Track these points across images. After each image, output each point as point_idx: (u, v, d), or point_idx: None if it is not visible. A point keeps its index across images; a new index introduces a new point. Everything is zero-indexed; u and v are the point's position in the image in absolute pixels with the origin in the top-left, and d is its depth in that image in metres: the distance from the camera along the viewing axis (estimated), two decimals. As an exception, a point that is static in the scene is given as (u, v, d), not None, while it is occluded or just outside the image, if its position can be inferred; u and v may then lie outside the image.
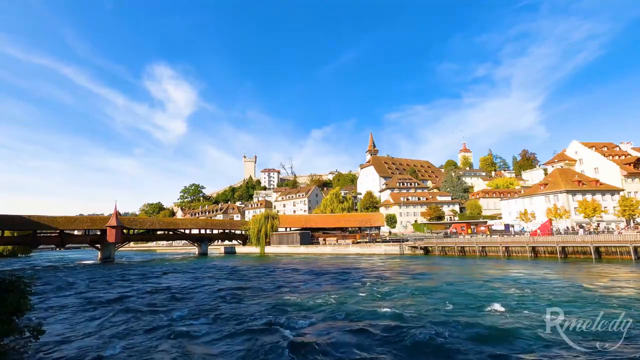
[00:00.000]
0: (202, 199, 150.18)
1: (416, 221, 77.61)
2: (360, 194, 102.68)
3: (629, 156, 67.17)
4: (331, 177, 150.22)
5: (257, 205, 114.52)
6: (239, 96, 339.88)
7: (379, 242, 56.19)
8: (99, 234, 54.41)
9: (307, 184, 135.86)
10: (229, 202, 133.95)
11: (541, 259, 34.43)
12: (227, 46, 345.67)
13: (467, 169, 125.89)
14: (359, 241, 58.39)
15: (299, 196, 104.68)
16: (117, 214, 53.69)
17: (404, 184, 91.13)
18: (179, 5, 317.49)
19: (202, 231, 65.37)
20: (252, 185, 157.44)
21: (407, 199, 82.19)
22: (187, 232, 64.63)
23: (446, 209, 79.80)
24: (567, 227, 46.56)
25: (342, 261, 38.64)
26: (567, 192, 53.52)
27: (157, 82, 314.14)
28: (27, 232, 49.64)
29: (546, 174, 77.92)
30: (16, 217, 47.85)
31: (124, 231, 55.70)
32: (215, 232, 66.92)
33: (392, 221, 77.42)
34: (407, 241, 49.95)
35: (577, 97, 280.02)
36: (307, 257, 46.50)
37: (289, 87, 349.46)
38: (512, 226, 56.18)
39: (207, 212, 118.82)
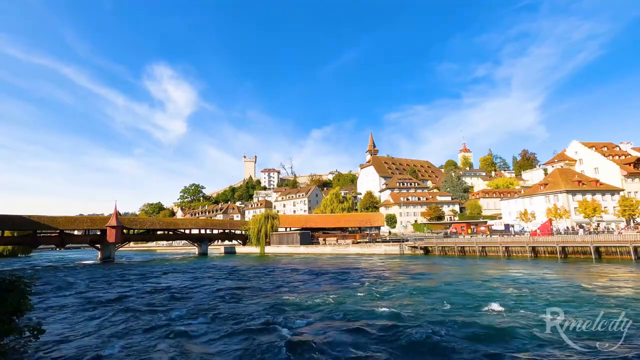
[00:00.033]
0: (202, 199, 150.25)
1: (416, 221, 77.64)
2: (360, 194, 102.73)
3: (629, 156, 67.17)
4: (331, 177, 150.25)
5: (257, 205, 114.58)
6: (239, 96, 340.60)
7: (379, 242, 56.20)
8: (99, 234, 54.46)
9: (307, 184, 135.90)
10: (229, 202, 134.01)
11: (541, 259, 34.43)
12: (227, 46, 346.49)
13: (467, 169, 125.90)
14: (359, 241, 58.40)
15: (299, 196, 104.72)
16: (117, 214, 53.74)
17: (404, 184, 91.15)
18: (179, 5, 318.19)
19: (202, 231, 65.42)
20: (252, 185, 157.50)
21: (407, 199, 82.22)
22: (187, 232, 64.69)
23: (446, 209, 79.82)
24: (567, 227, 46.56)
25: (341, 261, 38.64)
26: (567, 192, 53.54)
27: (157, 82, 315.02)
28: (27, 232, 49.68)
29: (546, 174, 77.94)
30: (16, 217, 47.90)
31: (124, 231, 55.76)
32: (215, 232, 66.98)
33: (392, 221, 77.45)
34: (407, 241, 49.97)
35: (577, 97, 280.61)
36: (307, 257, 46.52)
37: (289, 87, 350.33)
38: (512, 226, 56.18)
39: (207, 212, 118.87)
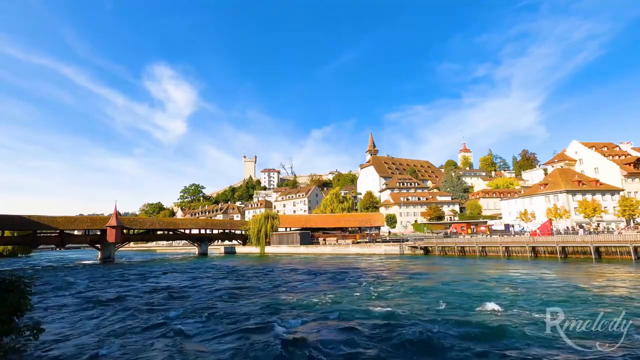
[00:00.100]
0: (202, 199, 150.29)
1: (416, 221, 77.64)
2: (360, 194, 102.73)
3: (629, 156, 67.15)
4: (331, 177, 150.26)
5: (257, 205, 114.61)
6: (239, 96, 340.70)
7: (379, 242, 56.21)
8: (99, 234, 54.49)
9: (307, 184, 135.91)
10: (229, 202, 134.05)
11: (541, 259, 34.43)
12: (227, 46, 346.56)
13: (467, 169, 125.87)
14: (359, 241, 58.41)
15: (299, 196, 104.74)
16: (117, 214, 53.78)
17: (404, 184, 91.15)
18: (179, 5, 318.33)
19: (202, 231, 65.45)
20: (252, 185, 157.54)
21: (407, 199, 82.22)
22: (187, 232, 64.71)
23: (446, 209, 79.82)
24: (567, 227, 46.55)
25: (341, 261, 38.64)
26: (567, 192, 53.52)
27: (157, 82, 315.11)
28: (27, 232, 49.69)
29: (546, 174, 77.92)
30: (16, 217, 47.93)
31: (124, 231, 55.79)
32: (215, 232, 67.01)
33: (392, 221, 77.44)
34: (407, 241, 49.97)
35: (577, 97, 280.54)
36: (306, 257, 46.53)
37: (289, 87, 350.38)
38: (512, 226, 56.19)
39: (207, 212, 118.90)
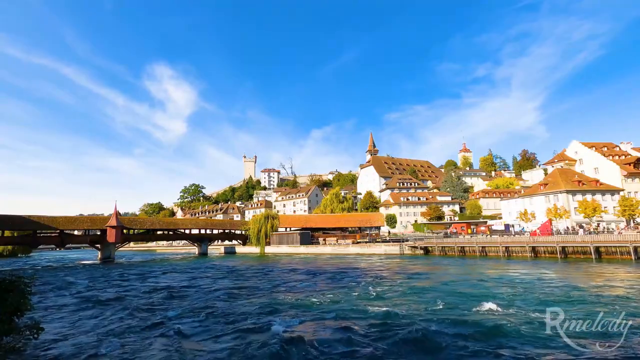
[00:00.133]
0: (202, 199, 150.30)
1: (416, 221, 77.63)
2: (360, 194, 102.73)
3: (629, 156, 67.13)
4: (331, 177, 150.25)
5: (257, 205, 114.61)
6: (239, 96, 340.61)
7: (379, 242, 56.21)
8: (99, 234, 54.50)
9: (307, 184, 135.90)
10: (229, 202, 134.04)
11: (541, 259, 34.43)
12: (227, 46, 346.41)
13: (467, 169, 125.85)
14: (359, 241, 58.41)
15: (299, 196, 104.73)
16: (117, 214, 53.79)
17: (404, 184, 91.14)
18: (179, 5, 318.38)
19: (202, 231, 65.45)
20: (252, 185, 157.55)
21: (407, 199, 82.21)
22: (187, 232, 64.71)
23: (446, 209, 79.80)
24: (567, 227, 46.54)
25: (341, 261, 38.64)
26: (567, 192, 53.51)
27: (157, 82, 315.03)
28: (27, 232, 49.69)
29: (546, 174, 77.90)
30: (16, 217, 47.94)
31: (124, 231, 55.79)
32: (215, 232, 67.02)
33: (392, 221, 77.43)
34: (407, 241, 49.97)
35: (577, 97, 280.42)
36: (306, 257, 46.53)
37: (289, 87, 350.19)
38: (512, 226, 56.18)
39: (207, 212, 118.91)
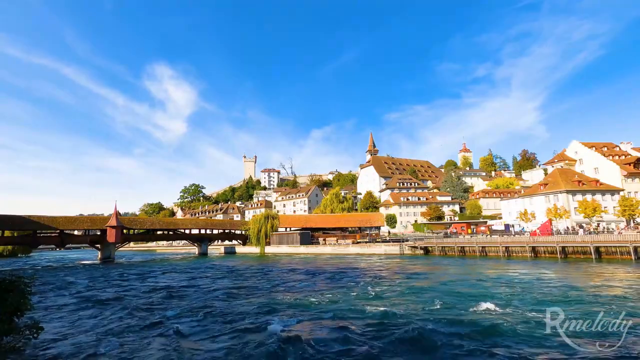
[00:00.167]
0: (202, 199, 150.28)
1: (416, 221, 77.61)
2: (360, 194, 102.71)
3: (629, 156, 67.11)
4: (331, 177, 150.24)
5: (257, 205, 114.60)
6: (239, 96, 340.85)
7: (379, 242, 56.20)
8: (99, 234, 54.50)
9: (307, 184, 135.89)
10: (229, 202, 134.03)
11: (541, 259, 34.42)
12: (227, 46, 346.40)
13: (467, 169, 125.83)
14: (359, 241, 58.40)
15: (299, 196, 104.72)
16: (117, 214, 53.78)
17: (404, 184, 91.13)
18: (179, 5, 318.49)
19: (202, 231, 65.44)
20: (252, 185, 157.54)
21: (407, 199, 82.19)
22: (187, 232, 64.71)
23: (446, 209, 79.79)
24: (567, 227, 46.53)
25: (340, 261, 38.64)
26: (567, 192, 53.50)
27: (157, 82, 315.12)
28: (27, 232, 49.69)
29: (546, 174, 77.88)
30: (16, 217, 47.93)
31: (124, 231, 55.79)
32: (215, 232, 67.01)
33: (392, 221, 77.41)
34: (407, 241, 49.96)
35: (577, 97, 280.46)
36: (306, 257, 46.52)
37: (289, 87, 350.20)
38: (512, 226, 56.17)
39: (207, 212, 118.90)
